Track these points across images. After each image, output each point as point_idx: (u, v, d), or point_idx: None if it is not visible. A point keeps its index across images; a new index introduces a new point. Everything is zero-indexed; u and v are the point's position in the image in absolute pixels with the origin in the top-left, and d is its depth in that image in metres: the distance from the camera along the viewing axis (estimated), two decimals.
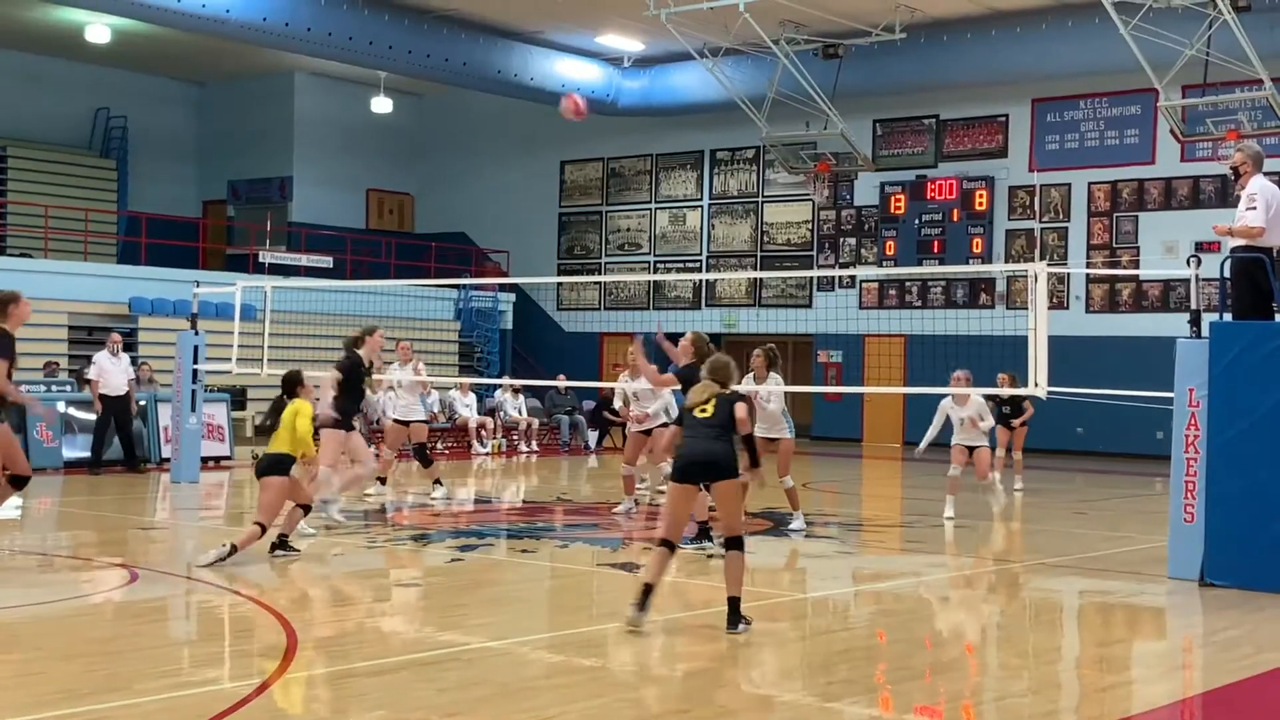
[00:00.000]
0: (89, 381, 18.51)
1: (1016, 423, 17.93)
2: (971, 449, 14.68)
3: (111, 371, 18.25)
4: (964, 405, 14.67)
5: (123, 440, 18.52)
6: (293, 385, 11.38)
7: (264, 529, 10.84)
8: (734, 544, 8.44)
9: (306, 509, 11.44)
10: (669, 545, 8.49)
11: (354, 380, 13.46)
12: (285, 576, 10.43)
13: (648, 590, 8.33)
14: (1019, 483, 17.90)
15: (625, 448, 15.48)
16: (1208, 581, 10.24)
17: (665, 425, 14.22)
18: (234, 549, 10.49)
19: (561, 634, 8.55)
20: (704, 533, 11.91)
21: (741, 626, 8.31)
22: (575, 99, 15.47)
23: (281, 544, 11.08)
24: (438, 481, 16.03)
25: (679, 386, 11.57)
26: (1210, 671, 7.96)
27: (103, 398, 18.14)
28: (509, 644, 8.12)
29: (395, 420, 16.50)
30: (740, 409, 8.57)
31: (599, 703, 6.73)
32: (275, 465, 11.08)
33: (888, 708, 6.83)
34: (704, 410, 8.58)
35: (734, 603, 8.35)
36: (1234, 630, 8.87)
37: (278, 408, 11.28)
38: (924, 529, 14.05)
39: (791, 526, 13.25)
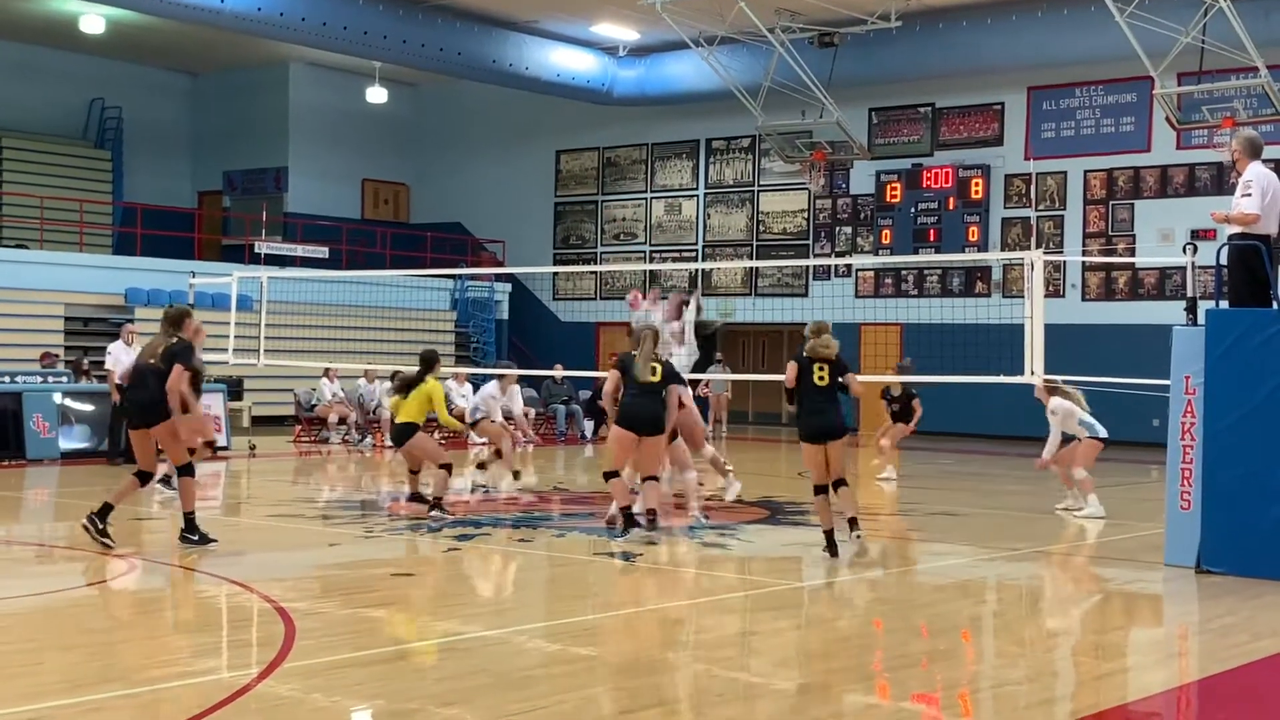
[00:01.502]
0: (107, 372, 18.17)
1: (908, 428, 17.66)
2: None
3: (127, 362, 17.94)
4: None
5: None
6: (430, 364, 13.06)
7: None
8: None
9: (449, 468, 12.98)
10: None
11: None
12: (283, 566, 10.43)
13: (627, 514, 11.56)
14: (891, 472, 17.52)
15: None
16: (1204, 568, 10.25)
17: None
18: (438, 504, 12.60)
19: (558, 623, 8.56)
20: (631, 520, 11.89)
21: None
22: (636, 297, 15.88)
23: (437, 505, 12.63)
24: (516, 473, 16.51)
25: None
26: (1206, 658, 7.98)
27: (119, 388, 17.81)
28: (506, 633, 8.13)
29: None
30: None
31: (595, 691, 6.74)
32: (406, 432, 12.93)
33: (885, 695, 6.84)
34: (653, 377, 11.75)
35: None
36: (1230, 617, 8.89)
37: (410, 383, 12.95)
38: (920, 517, 14.07)
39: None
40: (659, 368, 11.84)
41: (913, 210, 27.76)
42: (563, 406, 25.66)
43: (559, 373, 23.43)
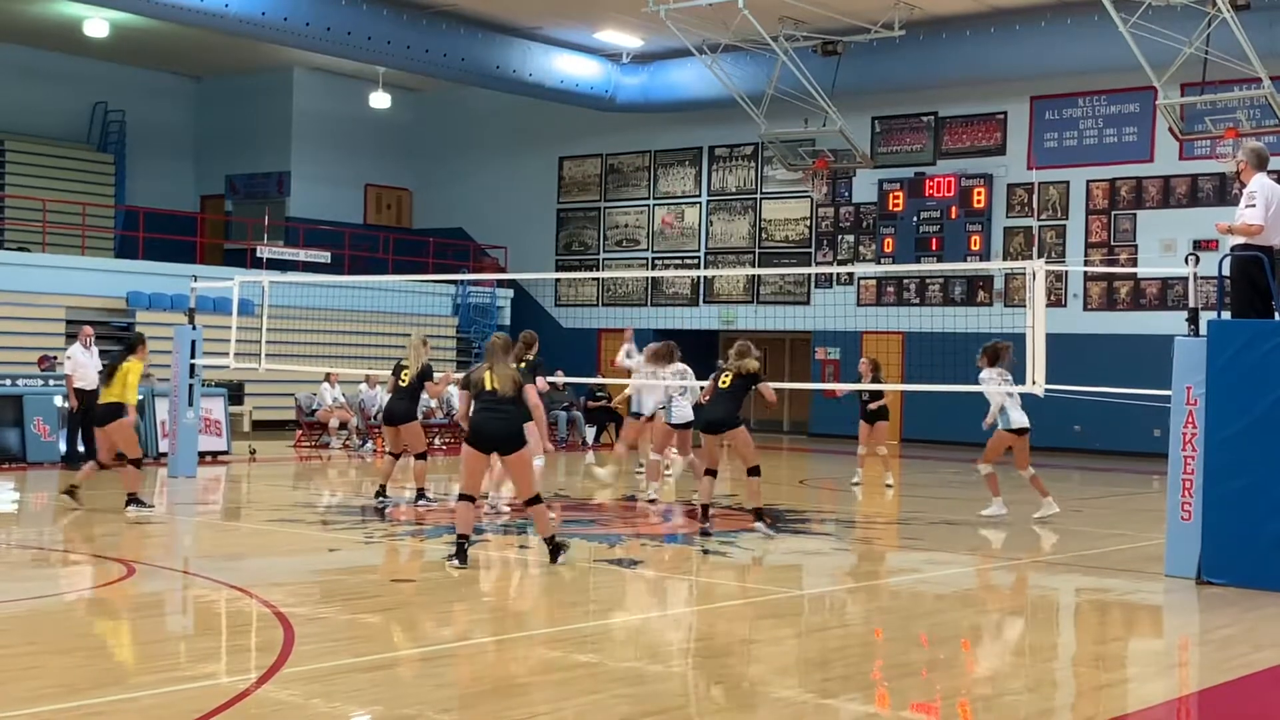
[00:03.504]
0: (65, 376, 18.05)
1: (874, 406, 17.35)
2: None
3: (87, 365, 17.78)
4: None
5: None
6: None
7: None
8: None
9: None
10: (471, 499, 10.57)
11: None
12: (282, 571, 10.42)
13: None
14: (890, 479, 17.69)
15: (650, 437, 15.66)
16: (1205, 579, 10.24)
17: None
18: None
19: (557, 629, 8.55)
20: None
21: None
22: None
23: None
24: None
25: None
26: (1206, 670, 7.96)
27: (78, 391, 17.65)
28: (505, 640, 8.12)
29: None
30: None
31: (594, 698, 6.73)
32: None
33: (884, 705, 6.83)
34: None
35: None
36: (1231, 629, 8.88)
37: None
38: (921, 526, 14.06)
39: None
40: (507, 376, 10.58)
41: (915, 219, 27.77)
42: (564, 413, 25.65)
43: (560, 379, 23.40)
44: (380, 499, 14.13)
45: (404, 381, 14.23)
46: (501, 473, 14.31)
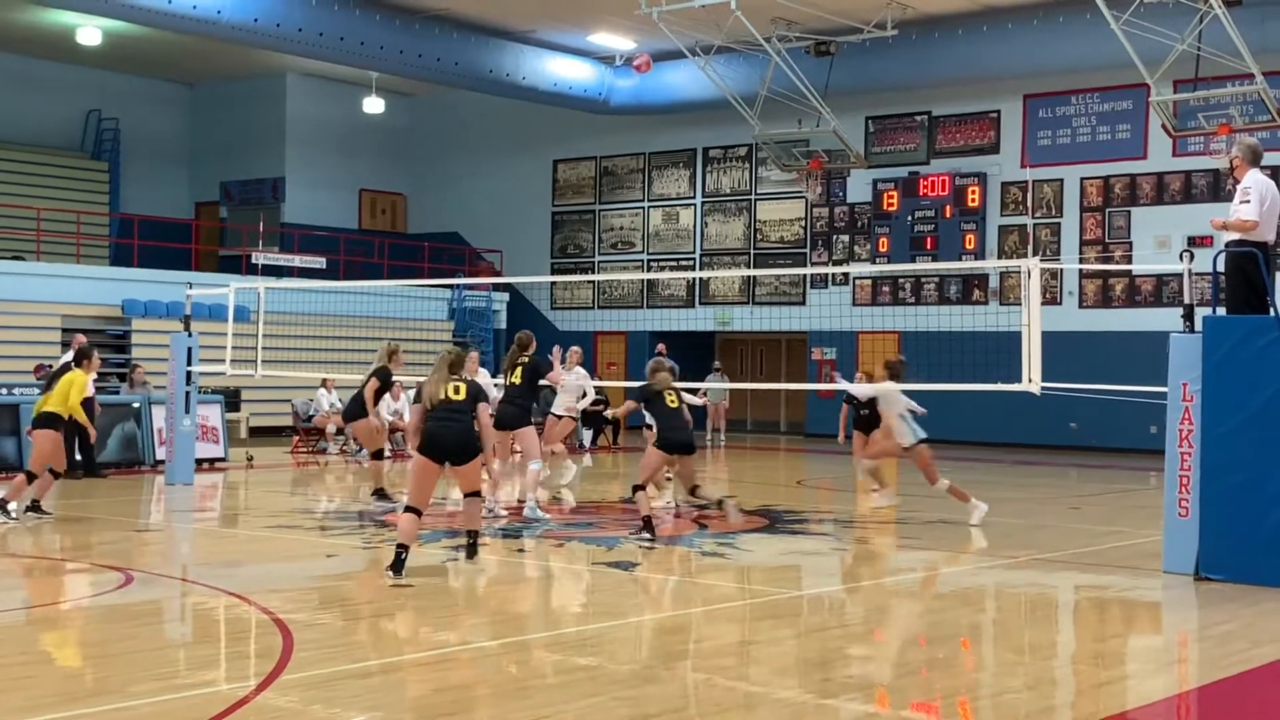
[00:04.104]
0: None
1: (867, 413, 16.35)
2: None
3: None
4: None
5: (81, 445, 18.05)
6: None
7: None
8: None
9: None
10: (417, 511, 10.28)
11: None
12: (280, 577, 10.41)
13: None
14: (889, 496, 16.06)
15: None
16: (1202, 576, 10.25)
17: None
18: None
19: (557, 633, 8.54)
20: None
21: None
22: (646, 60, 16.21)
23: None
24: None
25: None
26: (1206, 666, 7.97)
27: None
28: (505, 644, 8.12)
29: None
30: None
31: (595, 701, 6.72)
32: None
33: (884, 704, 6.83)
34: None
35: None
36: (1229, 625, 8.88)
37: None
38: (918, 525, 14.06)
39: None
40: (462, 386, 10.51)
41: (910, 218, 27.79)
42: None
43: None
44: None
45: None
46: (499, 473, 14.37)
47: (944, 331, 24.54)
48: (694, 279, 30.68)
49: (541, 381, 14.56)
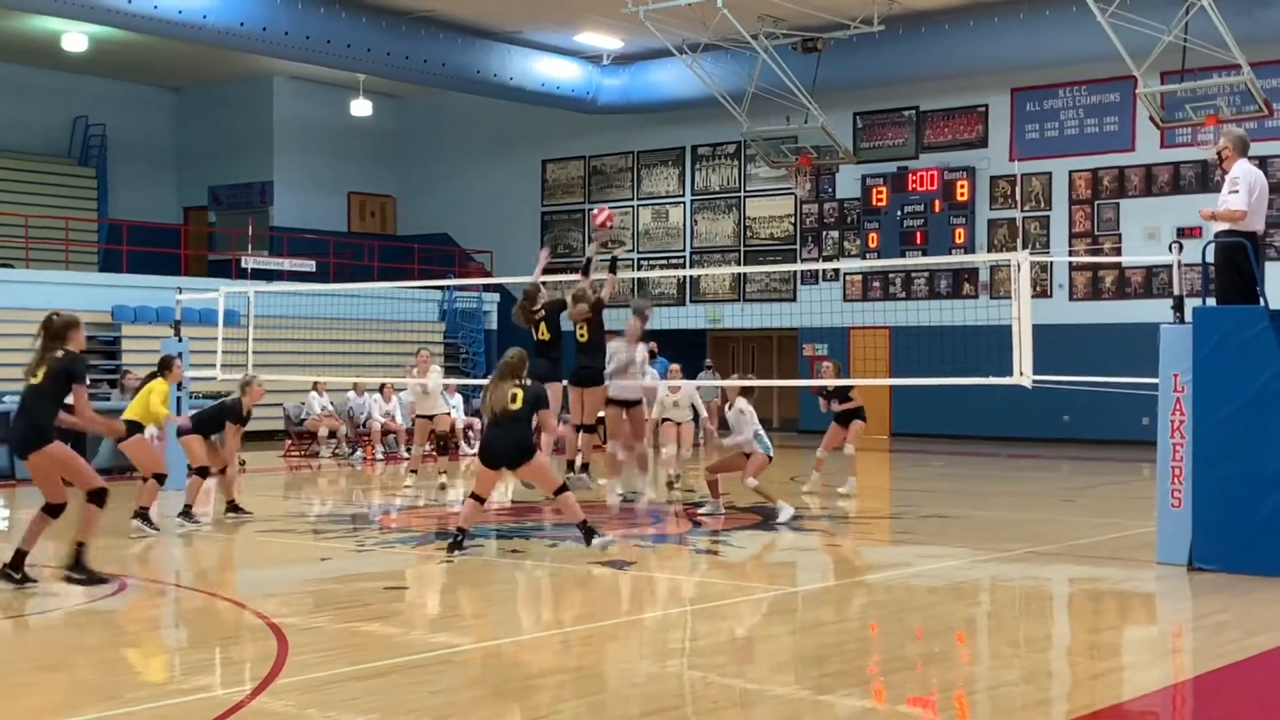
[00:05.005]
0: None
1: (861, 425, 16.34)
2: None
3: None
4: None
5: (77, 453, 17.94)
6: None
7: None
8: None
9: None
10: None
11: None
12: (274, 582, 10.40)
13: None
14: (852, 485, 16.11)
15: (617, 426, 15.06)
16: (1196, 566, 10.27)
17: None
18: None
19: (553, 633, 8.54)
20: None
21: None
22: (604, 216, 16.05)
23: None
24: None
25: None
26: (1201, 656, 7.99)
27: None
28: (501, 645, 8.12)
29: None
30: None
31: (592, 701, 6.72)
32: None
33: (880, 699, 6.84)
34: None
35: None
36: (1223, 614, 8.90)
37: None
38: (913, 520, 14.07)
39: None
40: (519, 394, 10.95)
41: (899, 213, 27.81)
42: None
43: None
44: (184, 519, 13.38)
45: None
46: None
47: (935, 326, 24.54)
48: (684, 277, 30.68)
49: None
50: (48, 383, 9.62)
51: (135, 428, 12.94)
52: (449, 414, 21.05)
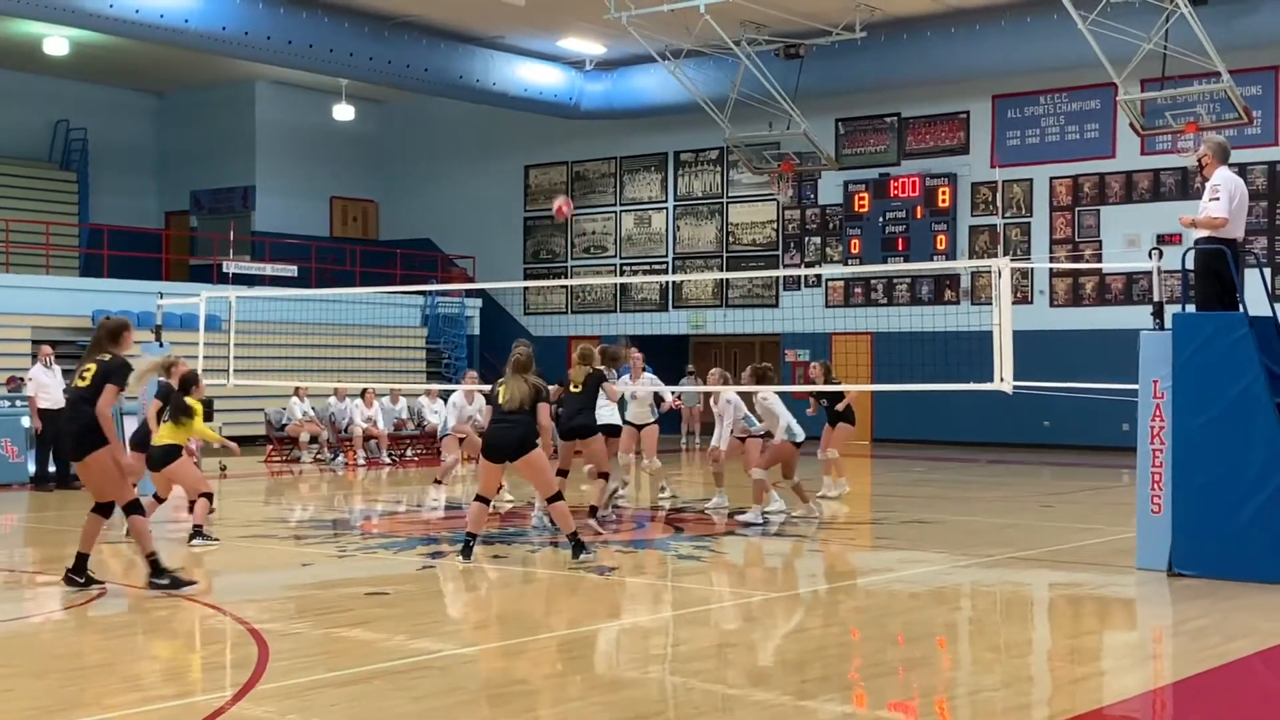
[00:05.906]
0: (28, 398, 17.92)
1: (851, 428, 16.62)
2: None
3: (50, 385, 17.65)
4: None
5: (56, 456, 17.71)
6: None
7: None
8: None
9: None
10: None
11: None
12: (255, 587, 10.37)
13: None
14: (842, 485, 16.63)
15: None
16: (1176, 571, 10.31)
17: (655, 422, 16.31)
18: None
19: (535, 638, 8.53)
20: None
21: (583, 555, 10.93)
22: (563, 206, 16.09)
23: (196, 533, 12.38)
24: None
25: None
26: (1180, 661, 8.02)
27: (42, 412, 17.35)
28: (482, 650, 8.11)
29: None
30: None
31: (573, 706, 6.72)
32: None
33: (862, 704, 6.85)
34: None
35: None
36: (1203, 620, 8.94)
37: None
38: (894, 525, 14.10)
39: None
40: (525, 390, 11.06)
41: (881, 219, 27.87)
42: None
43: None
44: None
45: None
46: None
47: (916, 332, 24.64)
48: (667, 282, 30.70)
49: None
50: (92, 386, 9.61)
51: (172, 452, 12.56)
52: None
